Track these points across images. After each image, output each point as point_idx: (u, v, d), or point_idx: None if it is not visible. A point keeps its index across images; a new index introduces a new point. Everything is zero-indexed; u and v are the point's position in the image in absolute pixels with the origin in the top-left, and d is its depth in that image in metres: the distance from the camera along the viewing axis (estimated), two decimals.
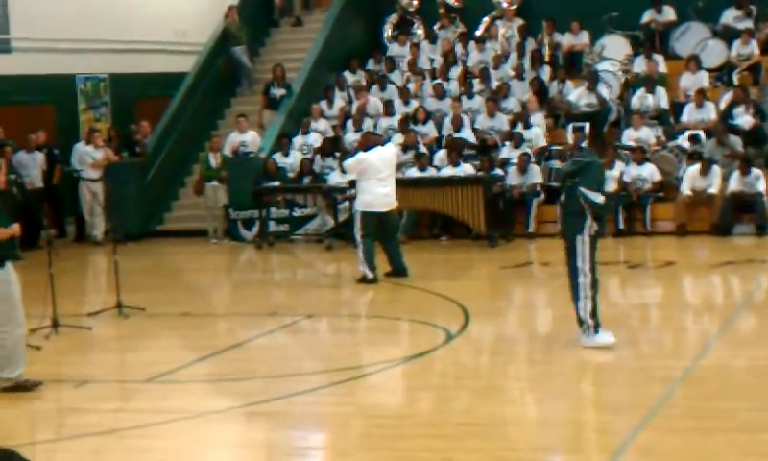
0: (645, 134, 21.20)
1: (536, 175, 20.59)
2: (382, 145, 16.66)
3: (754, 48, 22.83)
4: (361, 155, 16.35)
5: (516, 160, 20.78)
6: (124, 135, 24.21)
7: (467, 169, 20.50)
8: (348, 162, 16.70)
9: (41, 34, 23.23)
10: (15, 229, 10.62)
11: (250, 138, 22.92)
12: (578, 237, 11.34)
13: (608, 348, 11.41)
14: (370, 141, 16.74)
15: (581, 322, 11.47)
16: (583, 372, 11.01)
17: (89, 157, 22.58)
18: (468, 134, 21.84)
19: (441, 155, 21.26)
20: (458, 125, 21.91)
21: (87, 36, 24.25)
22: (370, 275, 16.18)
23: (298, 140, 22.90)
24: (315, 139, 22.84)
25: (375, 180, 16.15)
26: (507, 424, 9.54)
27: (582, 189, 11.23)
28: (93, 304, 15.07)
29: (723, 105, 21.58)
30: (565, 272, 11.85)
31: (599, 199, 11.34)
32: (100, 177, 22.63)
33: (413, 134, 21.83)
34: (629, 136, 21.28)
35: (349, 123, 23.07)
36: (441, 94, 23.36)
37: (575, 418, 9.53)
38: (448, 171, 20.50)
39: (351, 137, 22.25)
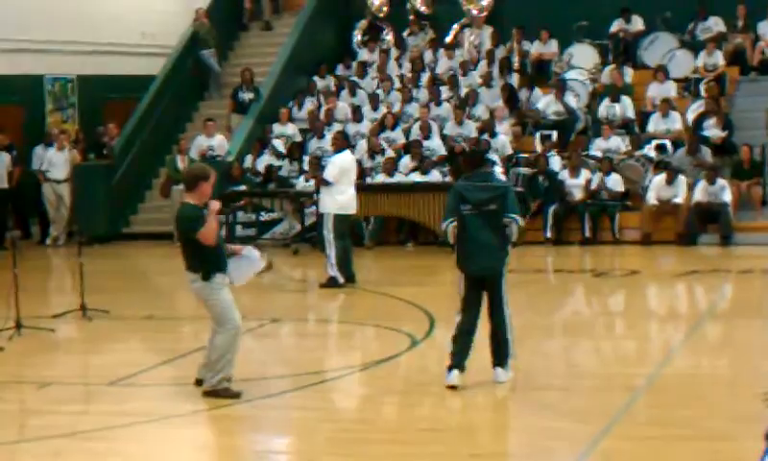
0: (616, 144, 21.29)
1: None
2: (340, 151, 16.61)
3: (719, 59, 22.97)
4: (338, 159, 16.30)
5: None
6: (91, 137, 24.12)
7: (435, 176, 20.54)
8: (332, 172, 16.16)
9: (10, 34, 23.10)
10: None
11: (217, 143, 22.87)
12: (503, 270, 10.48)
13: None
14: (343, 143, 16.73)
15: (506, 356, 10.59)
16: (547, 378, 11.03)
17: (55, 159, 22.52)
18: (436, 142, 21.83)
19: (405, 161, 21.28)
20: (426, 132, 21.91)
21: (56, 38, 24.14)
22: (341, 279, 16.17)
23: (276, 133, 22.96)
24: (278, 144, 22.81)
25: (348, 182, 16.18)
26: (471, 429, 9.56)
27: (513, 215, 10.37)
28: (57, 306, 14.99)
29: (692, 115, 21.69)
30: (530, 279, 11.82)
31: (521, 221, 10.51)
32: (66, 178, 22.54)
33: (375, 140, 21.84)
34: (599, 146, 21.38)
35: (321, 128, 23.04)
36: (407, 99, 23.37)
37: (538, 424, 9.54)
38: (416, 177, 20.53)
39: (315, 144, 22.26)
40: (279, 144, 22.74)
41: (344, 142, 16.80)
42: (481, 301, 10.54)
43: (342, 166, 16.16)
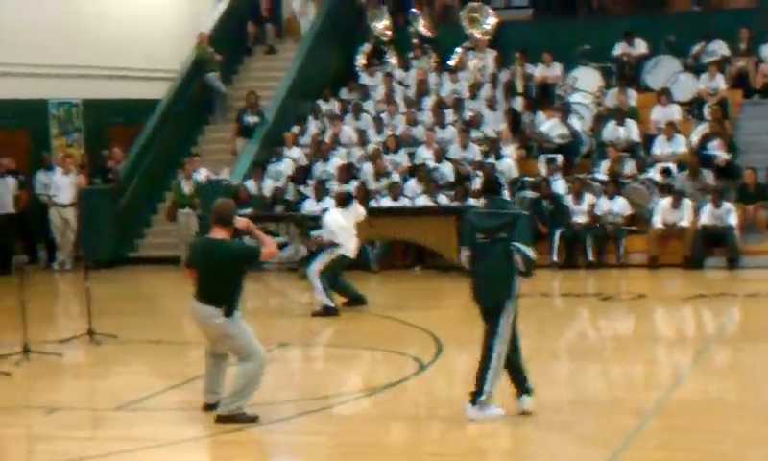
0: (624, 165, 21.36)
1: None
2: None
3: (720, 82, 22.99)
4: (331, 222, 16.32)
5: None
6: (96, 162, 24.14)
7: (441, 199, 20.55)
8: (328, 235, 16.37)
9: (15, 58, 23.14)
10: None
11: (203, 175, 22.95)
12: (508, 301, 10.11)
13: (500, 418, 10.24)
14: (344, 198, 16.79)
15: (479, 393, 10.14)
16: (555, 403, 11.00)
17: (60, 183, 22.56)
18: (448, 166, 21.81)
19: (412, 184, 21.28)
20: (440, 156, 21.89)
21: (61, 62, 24.19)
22: (334, 307, 16.20)
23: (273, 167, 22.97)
24: (287, 166, 22.85)
25: (350, 234, 16.34)
26: (479, 453, 9.54)
27: (517, 244, 10.01)
28: (64, 331, 15.00)
29: (696, 138, 21.71)
30: (537, 303, 11.78)
31: (532, 254, 10.15)
32: (72, 202, 22.58)
33: (381, 163, 21.87)
34: (605, 168, 21.39)
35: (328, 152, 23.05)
36: (412, 123, 23.41)
37: (546, 449, 9.53)
38: (423, 201, 20.54)
39: (320, 168, 22.28)
40: (289, 166, 22.75)
41: (344, 196, 16.79)
42: None
43: (338, 224, 16.24)
